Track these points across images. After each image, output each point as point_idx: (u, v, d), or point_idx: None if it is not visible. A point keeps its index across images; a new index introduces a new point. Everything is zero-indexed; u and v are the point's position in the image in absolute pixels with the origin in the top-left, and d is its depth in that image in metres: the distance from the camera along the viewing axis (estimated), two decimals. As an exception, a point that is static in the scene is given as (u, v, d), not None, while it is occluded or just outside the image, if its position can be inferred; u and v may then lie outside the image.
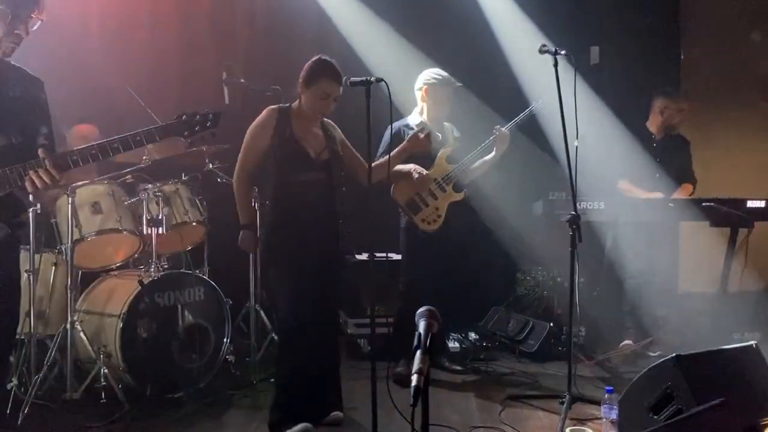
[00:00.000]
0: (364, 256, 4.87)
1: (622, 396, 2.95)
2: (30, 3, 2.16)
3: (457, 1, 5.41)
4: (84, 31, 4.74)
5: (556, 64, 3.57)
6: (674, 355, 2.66)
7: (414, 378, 1.54)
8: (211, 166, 4.34)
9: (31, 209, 3.52)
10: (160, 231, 3.87)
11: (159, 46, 5.04)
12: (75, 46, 4.57)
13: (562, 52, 3.55)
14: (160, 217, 3.85)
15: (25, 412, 3.29)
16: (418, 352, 1.60)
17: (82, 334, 3.64)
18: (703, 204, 4.33)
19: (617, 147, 4.84)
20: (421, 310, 1.70)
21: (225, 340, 3.96)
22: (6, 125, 2.14)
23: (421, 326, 1.66)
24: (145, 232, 3.88)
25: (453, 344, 4.69)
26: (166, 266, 4.05)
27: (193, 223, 4.09)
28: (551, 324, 4.75)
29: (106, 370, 3.55)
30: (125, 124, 2.60)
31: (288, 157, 3.12)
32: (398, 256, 4.38)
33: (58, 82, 4.35)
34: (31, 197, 3.56)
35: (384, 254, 4.62)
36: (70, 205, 3.61)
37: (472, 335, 4.93)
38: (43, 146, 2.28)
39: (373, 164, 3.07)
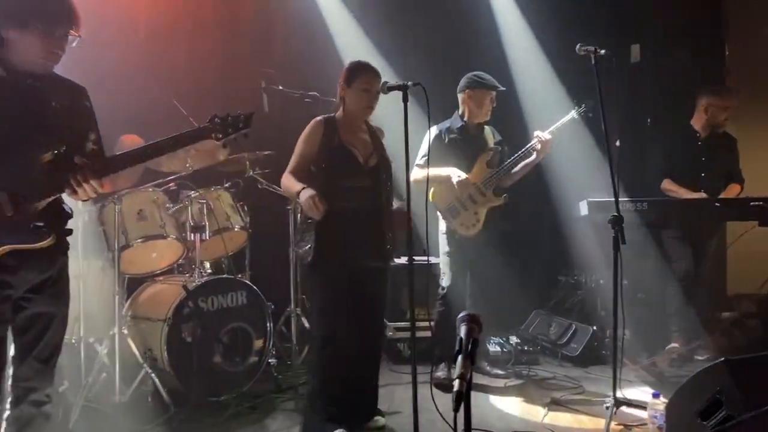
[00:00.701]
0: (403, 260, 4.87)
1: (669, 401, 2.88)
2: (66, 22, 2.23)
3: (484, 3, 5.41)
4: (127, 43, 4.86)
5: (595, 64, 3.52)
6: (723, 359, 2.59)
7: (456, 383, 1.53)
8: (252, 173, 4.40)
9: (80, 217, 3.64)
10: (203, 237, 3.94)
11: (199, 56, 5.14)
12: (118, 58, 4.69)
13: (602, 51, 3.50)
14: (203, 224, 3.92)
15: (76, 414, 3.40)
16: (460, 357, 1.59)
17: (129, 339, 3.72)
18: (752, 204, 4.19)
19: (660, 146, 4.75)
20: (462, 314, 1.69)
21: (267, 343, 4.01)
22: (52, 138, 2.22)
23: (463, 331, 1.65)
24: (188, 238, 3.96)
25: (494, 348, 4.66)
26: (209, 271, 4.13)
27: (236, 229, 4.15)
28: (594, 327, 4.68)
29: (152, 374, 3.63)
30: (168, 133, 2.66)
31: (337, 164, 3.14)
32: (438, 260, 4.36)
33: (103, 94, 4.47)
34: (81, 205, 3.67)
35: (424, 258, 4.61)
36: (116, 213, 3.71)
37: (514, 339, 4.88)
38: (92, 151, 2.36)
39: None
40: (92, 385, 3.61)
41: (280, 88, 4.28)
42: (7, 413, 2.28)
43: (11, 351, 2.28)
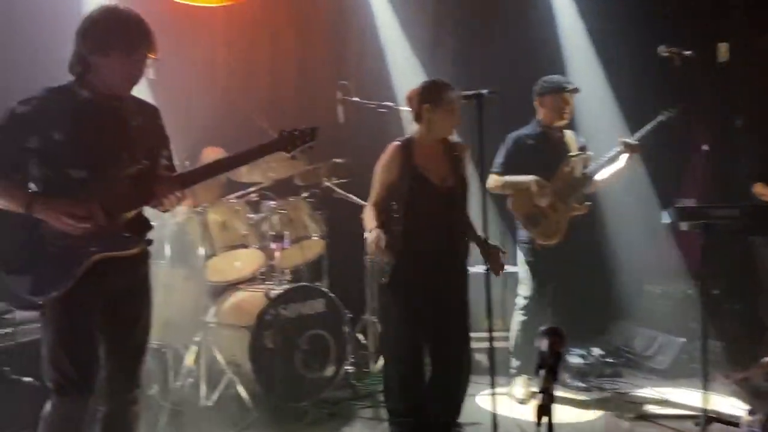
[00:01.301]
0: (480, 269, 4.83)
1: (766, 417, 2.73)
2: (144, 46, 2.36)
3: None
4: (206, 57, 5.05)
5: (680, 66, 3.39)
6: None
7: (539, 397, 1.50)
8: (328, 183, 4.47)
9: (166, 228, 3.82)
10: (283, 245, 4.03)
11: (277, 69, 5.27)
12: (199, 73, 4.89)
13: (686, 52, 3.37)
14: (283, 233, 4.01)
15: (164, 417, 3.55)
16: (542, 371, 1.56)
17: (213, 345, 3.85)
18: None
19: (751, 149, 4.52)
20: (544, 328, 1.66)
21: (345, 351, 4.05)
22: (135, 155, 2.36)
23: (545, 344, 1.61)
24: (269, 247, 4.06)
25: (576, 360, 4.52)
26: (288, 279, 4.22)
27: (314, 237, 4.23)
28: (683, 339, 4.48)
29: (236, 379, 3.73)
30: (248, 145, 2.78)
31: (412, 188, 3.13)
32: (514, 269, 4.30)
33: (186, 108, 4.69)
34: (168, 216, 3.84)
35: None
36: (201, 223, 3.86)
37: (596, 351, 4.73)
38: (166, 167, 2.50)
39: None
40: (179, 390, 3.76)
41: (356, 99, 4.34)
42: (100, 413, 2.41)
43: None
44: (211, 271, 4.02)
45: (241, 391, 3.71)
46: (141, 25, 2.35)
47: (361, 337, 4.65)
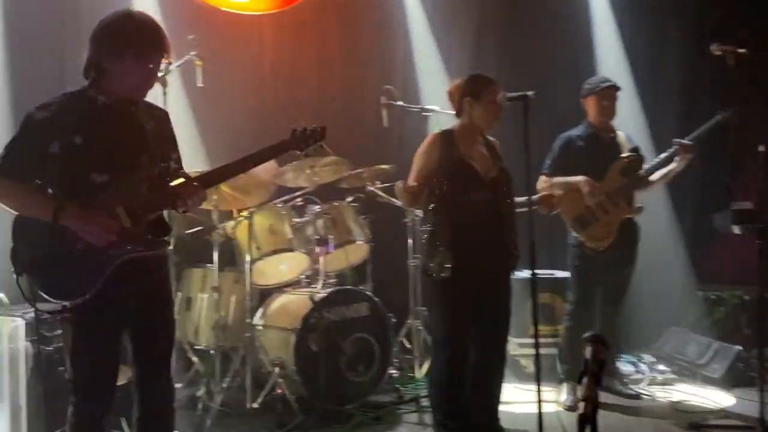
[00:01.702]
0: (526, 273, 4.76)
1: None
2: (158, 51, 2.38)
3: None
4: (257, 66, 5.12)
5: (735, 63, 3.28)
6: None
7: (581, 405, 1.47)
8: (372, 187, 4.48)
9: (215, 232, 3.90)
10: (328, 249, 4.06)
11: (323, 75, 5.31)
12: (249, 80, 4.97)
13: (741, 50, 3.25)
14: (327, 237, 4.04)
15: (211, 419, 3.62)
16: (585, 379, 1.53)
17: (259, 347, 3.90)
18: None
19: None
20: (587, 334, 1.63)
21: (389, 355, 4.04)
22: (152, 157, 2.40)
23: (588, 351, 1.58)
24: (314, 251, 4.09)
25: (626, 367, 4.42)
26: (333, 282, 4.24)
27: (358, 242, 4.24)
28: (738, 347, 4.33)
29: (281, 382, 3.77)
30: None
31: (457, 177, 3.13)
32: (562, 274, 4.21)
33: (239, 115, 4.77)
34: (216, 221, 3.93)
35: (548, 272, 4.47)
36: (248, 227, 3.92)
37: (648, 358, 4.61)
38: (175, 169, 2.53)
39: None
40: (226, 391, 3.82)
41: (400, 103, 4.35)
42: (135, 415, 2.45)
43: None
44: (258, 275, 4.08)
45: (287, 393, 3.74)
46: (155, 30, 2.36)
47: (405, 341, 4.64)
